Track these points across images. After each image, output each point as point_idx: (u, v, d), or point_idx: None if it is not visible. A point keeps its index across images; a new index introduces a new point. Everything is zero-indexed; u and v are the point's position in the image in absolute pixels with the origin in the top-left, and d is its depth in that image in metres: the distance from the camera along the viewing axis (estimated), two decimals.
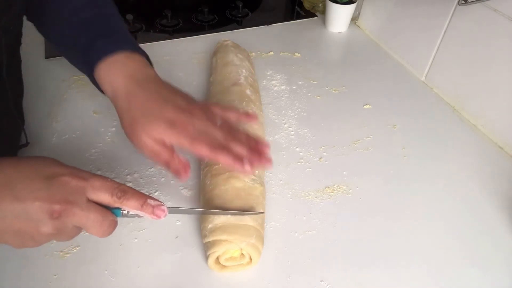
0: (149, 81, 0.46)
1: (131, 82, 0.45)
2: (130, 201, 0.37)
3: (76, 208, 0.35)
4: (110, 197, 0.37)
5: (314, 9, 0.93)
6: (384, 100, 0.69)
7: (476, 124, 0.65)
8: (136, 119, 0.43)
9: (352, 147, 0.60)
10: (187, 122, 0.43)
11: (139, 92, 0.45)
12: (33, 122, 0.60)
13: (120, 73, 0.46)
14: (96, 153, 0.56)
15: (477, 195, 0.54)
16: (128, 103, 0.44)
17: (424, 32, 0.71)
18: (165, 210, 0.39)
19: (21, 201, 0.34)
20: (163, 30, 0.84)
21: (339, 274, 0.45)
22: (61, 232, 0.35)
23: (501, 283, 0.45)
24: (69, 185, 0.36)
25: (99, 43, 0.47)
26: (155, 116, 0.43)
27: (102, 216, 0.36)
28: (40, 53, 0.74)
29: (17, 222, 0.34)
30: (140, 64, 0.48)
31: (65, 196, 0.35)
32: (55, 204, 0.34)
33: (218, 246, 0.42)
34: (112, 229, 0.38)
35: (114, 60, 0.46)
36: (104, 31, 0.49)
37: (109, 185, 0.37)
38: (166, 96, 0.45)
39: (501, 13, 0.57)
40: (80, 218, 0.35)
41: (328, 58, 0.80)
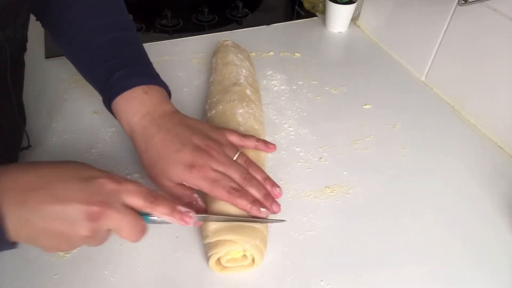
0: (166, 119, 0.46)
1: (147, 123, 0.46)
2: (161, 207, 0.38)
3: (112, 210, 0.36)
4: (143, 202, 0.38)
5: (314, 9, 0.93)
6: (384, 100, 0.69)
7: (476, 124, 0.65)
8: (155, 162, 0.45)
9: (352, 147, 0.60)
10: (205, 165, 0.43)
11: (156, 133, 0.45)
12: (34, 122, 0.60)
13: (137, 111, 0.46)
14: (96, 153, 0.56)
15: (477, 195, 0.54)
16: (146, 144, 0.45)
17: (424, 32, 0.71)
18: (193, 217, 0.40)
19: (61, 202, 0.34)
20: (163, 30, 0.84)
21: (339, 274, 0.45)
22: (95, 234, 0.36)
23: (501, 282, 0.45)
24: (105, 187, 0.36)
25: (117, 76, 0.47)
26: (173, 160, 0.43)
27: (136, 219, 0.37)
28: (40, 53, 0.74)
29: (55, 223, 0.34)
30: (158, 100, 0.48)
31: (103, 198, 0.36)
32: (94, 206, 0.35)
33: (221, 246, 0.42)
34: (143, 234, 0.38)
35: (131, 96, 0.47)
36: (122, 60, 0.49)
37: (142, 190, 0.38)
38: (183, 136, 0.45)
39: (501, 13, 0.57)
40: (115, 221, 0.36)
41: (328, 58, 0.80)
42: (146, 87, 0.47)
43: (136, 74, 0.48)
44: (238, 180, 0.44)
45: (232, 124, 0.53)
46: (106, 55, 0.49)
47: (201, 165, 0.43)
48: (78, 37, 0.50)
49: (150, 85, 0.48)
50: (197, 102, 0.66)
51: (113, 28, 0.51)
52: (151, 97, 0.47)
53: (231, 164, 0.45)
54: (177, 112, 0.48)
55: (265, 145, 0.49)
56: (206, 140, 0.45)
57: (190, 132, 0.45)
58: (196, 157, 0.43)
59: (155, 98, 0.48)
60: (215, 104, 0.58)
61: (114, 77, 0.47)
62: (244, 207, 0.43)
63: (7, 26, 0.44)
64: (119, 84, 0.47)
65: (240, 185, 0.44)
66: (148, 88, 0.47)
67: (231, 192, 0.43)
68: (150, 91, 0.47)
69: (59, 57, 0.74)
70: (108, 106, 0.48)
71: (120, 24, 0.52)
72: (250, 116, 0.56)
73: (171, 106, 0.49)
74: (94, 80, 0.51)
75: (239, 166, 0.45)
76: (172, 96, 0.51)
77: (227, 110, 0.56)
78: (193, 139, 0.45)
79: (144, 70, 0.50)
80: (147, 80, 0.48)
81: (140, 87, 0.47)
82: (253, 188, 0.45)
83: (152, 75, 0.50)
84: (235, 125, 0.53)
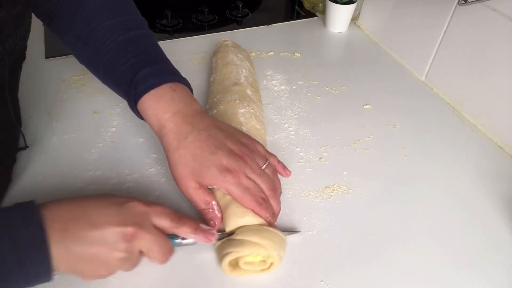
0: (198, 118, 0.46)
1: (179, 120, 0.45)
2: (186, 226, 0.40)
3: (144, 231, 0.38)
4: (169, 222, 0.40)
5: (314, 9, 0.93)
6: (384, 100, 0.69)
7: (476, 124, 0.65)
8: (186, 162, 0.44)
9: (352, 147, 0.60)
10: (240, 171, 0.43)
11: (189, 132, 0.44)
12: (33, 122, 0.60)
13: (167, 108, 0.45)
14: (96, 153, 0.56)
15: (477, 195, 0.54)
16: (178, 142, 0.44)
17: (424, 32, 0.71)
18: (215, 234, 0.42)
19: (98, 227, 0.36)
20: (163, 30, 0.84)
21: (339, 274, 0.45)
22: (130, 256, 0.37)
23: (501, 283, 0.45)
24: (136, 209, 0.39)
25: (143, 74, 0.46)
26: (207, 162, 0.43)
27: (164, 241, 0.40)
28: (40, 53, 0.74)
29: (94, 248, 0.36)
30: (186, 97, 0.47)
31: (135, 220, 0.38)
32: (128, 227, 0.37)
33: (244, 247, 0.41)
34: (170, 255, 0.41)
35: (159, 94, 0.46)
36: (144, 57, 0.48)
37: (168, 211, 0.40)
38: (216, 139, 0.45)
39: (501, 13, 0.57)
40: (147, 241, 0.38)
41: (328, 58, 0.80)
42: (172, 85, 0.47)
43: (161, 71, 0.48)
44: (266, 190, 0.45)
45: (234, 124, 0.53)
46: (127, 53, 0.48)
47: (235, 171, 0.43)
48: (93, 37, 0.49)
49: (176, 83, 0.47)
50: None
51: (128, 26, 0.50)
52: (180, 94, 0.47)
53: (262, 173, 0.45)
54: (206, 112, 0.48)
55: (283, 169, 0.50)
56: (239, 146, 0.45)
57: (223, 135, 0.45)
58: (231, 162, 0.43)
59: (183, 96, 0.47)
60: (216, 104, 0.58)
61: (140, 75, 0.46)
62: (267, 218, 0.44)
63: (7, 38, 0.44)
64: (147, 82, 0.46)
65: (266, 195, 0.45)
66: (174, 85, 0.47)
67: (260, 202, 0.43)
68: (177, 89, 0.47)
69: (59, 57, 0.74)
70: (134, 105, 0.47)
71: (135, 22, 0.51)
72: (251, 116, 0.56)
73: (199, 105, 0.48)
74: (114, 80, 0.50)
75: (268, 177, 0.46)
76: None
77: (228, 110, 0.56)
78: (227, 143, 0.44)
79: (167, 67, 0.49)
80: (172, 77, 0.47)
81: (167, 84, 0.46)
82: (276, 201, 0.46)
83: (174, 73, 0.49)
84: (237, 125, 0.53)
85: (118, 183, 0.52)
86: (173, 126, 0.45)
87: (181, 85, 0.48)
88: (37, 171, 0.53)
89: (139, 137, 0.59)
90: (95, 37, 0.49)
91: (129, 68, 0.47)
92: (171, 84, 0.47)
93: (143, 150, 0.57)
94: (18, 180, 0.52)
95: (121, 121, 0.62)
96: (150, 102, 0.46)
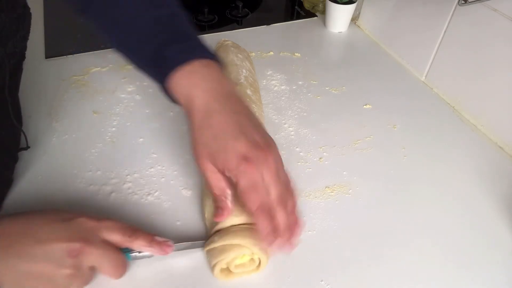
0: (229, 99, 0.43)
1: (210, 99, 0.42)
2: (139, 239, 0.40)
3: (92, 246, 0.37)
4: (121, 236, 0.39)
5: (314, 9, 0.93)
6: (384, 100, 0.69)
7: (476, 124, 0.65)
8: (207, 141, 0.41)
9: (352, 147, 0.60)
10: (257, 164, 0.39)
11: (218, 112, 0.41)
12: (33, 122, 0.60)
13: (198, 86, 0.42)
14: (96, 153, 0.56)
15: (477, 195, 0.54)
16: (204, 120, 0.41)
17: (424, 32, 0.71)
18: (171, 245, 0.42)
19: (43, 243, 0.36)
20: None
21: (339, 274, 0.45)
22: (78, 272, 0.37)
23: (501, 282, 0.45)
24: (85, 225, 0.38)
25: (172, 50, 0.43)
26: (228, 145, 0.40)
27: (116, 255, 0.39)
28: (40, 53, 0.74)
29: (39, 264, 0.35)
30: (219, 75, 0.44)
31: (83, 235, 0.37)
32: (73, 243, 0.36)
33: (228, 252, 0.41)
34: (125, 269, 0.40)
35: (190, 70, 0.43)
36: (175, 34, 0.45)
37: (120, 225, 0.40)
38: (244, 126, 0.41)
39: (501, 13, 0.57)
40: (96, 256, 0.37)
41: (328, 58, 0.80)
42: (204, 61, 0.43)
43: (193, 47, 0.44)
44: (273, 197, 0.40)
45: None
46: (157, 30, 0.45)
47: (253, 163, 0.39)
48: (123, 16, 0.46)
49: (208, 59, 0.44)
50: None
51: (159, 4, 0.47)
52: (212, 71, 0.43)
53: (277, 178, 0.40)
54: (240, 97, 0.45)
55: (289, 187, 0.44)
56: (266, 140, 0.41)
57: (252, 125, 0.42)
58: (252, 153, 0.39)
59: (216, 73, 0.44)
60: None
61: (169, 51, 0.43)
62: (262, 229, 0.39)
63: (7, 41, 0.44)
64: (176, 57, 0.43)
65: (272, 203, 0.40)
66: (206, 62, 0.43)
67: (261, 206, 0.39)
68: (209, 65, 0.44)
69: (59, 57, 0.74)
70: (162, 83, 0.44)
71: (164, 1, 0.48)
72: None
73: (233, 85, 0.45)
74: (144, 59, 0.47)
75: (281, 185, 0.41)
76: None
77: None
78: (254, 134, 0.41)
79: (199, 43, 0.46)
80: (205, 53, 0.44)
81: (199, 60, 0.43)
82: (281, 214, 0.40)
83: (207, 50, 0.45)
84: None
85: (118, 183, 0.52)
86: (201, 104, 0.42)
87: (213, 62, 0.44)
88: (37, 171, 0.53)
89: (139, 137, 0.59)
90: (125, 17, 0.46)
91: (158, 44, 0.44)
92: (202, 60, 0.43)
93: (143, 150, 0.57)
94: (18, 180, 0.52)
95: (121, 121, 0.62)
96: (180, 78, 0.43)
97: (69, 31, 0.82)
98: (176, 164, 0.55)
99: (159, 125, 0.61)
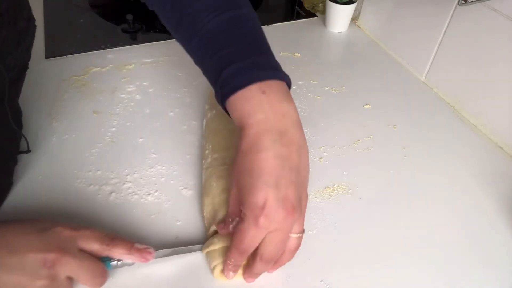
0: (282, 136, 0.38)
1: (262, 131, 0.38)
2: (118, 247, 0.39)
3: (68, 256, 0.36)
4: (99, 245, 0.39)
5: (314, 9, 0.93)
6: (384, 100, 0.69)
7: (476, 124, 0.65)
8: (243, 170, 0.38)
9: (352, 147, 0.60)
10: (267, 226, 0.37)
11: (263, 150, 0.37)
12: (33, 122, 0.60)
13: (252, 116, 0.39)
14: (96, 153, 0.56)
15: (477, 195, 0.54)
16: (248, 152, 0.38)
17: (424, 32, 0.71)
18: (152, 252, 0.41)
19: (16, 254, 0.35)
20: (163, 30, 0.84)
21: (339, 274, 0.45)
22: (54, 282, 0.36)
23: (501, 282, 0.45)
24: (61, 235, 0.37)
25: (229, 72, 0.40)
26: (255, 189, 0.37)
27: (93, 264, 0.38)
28: (40, 53, 0.74)
29: (13, 275, 0.35)
30: (278, 100, 0.40)
31: (59, 245, 0.37)
32: (49, 253, 0.35)
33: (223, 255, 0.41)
34: (103, 279, 0.39)
35: (247, 95, 0.39)
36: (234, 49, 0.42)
37: (98, 234, 0.39)
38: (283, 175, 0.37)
39: (501, 13, 0.57)
40: (72, 266, 0.36)
41: (328, 58, 0.80)
42: (263, 84, 0.39)
43: (251, 67, 0.40)
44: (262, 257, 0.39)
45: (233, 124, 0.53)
46: (216, 43, 0.42)
47: (266, 219, 0.36)
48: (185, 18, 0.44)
49: (268, 81, 0.40)
50: (197, 102, 0.66)
51: (223, 6, 0.43)
52: (270, 97, 0.39)
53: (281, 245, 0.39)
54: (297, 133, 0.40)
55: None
56: (298, 201, 0.38)
57: (292, 178, 0.38)
58: (272, 210, 0.36)
59: (274, 99, 0.39)
60: (216, 104, 0.57)
61: (226, 73, 0.40)
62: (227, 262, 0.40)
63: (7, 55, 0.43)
64: (232, 82, 0.40)
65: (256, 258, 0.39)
66: (266, 85, 0.39)
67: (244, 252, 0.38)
68: (268, 90, 0.39)
69: (59, 57, 0.74)
70: (221, 104, 0.42)
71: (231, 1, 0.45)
72: None
73: (292, 111, 0.40)
74: (205, 74, 0.45)
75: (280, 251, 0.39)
76: (171, 97, 0.51)
77: None
78: (289, 190, 0.37)
79: (260, 61, 0.42)
80: (264, 74, 0.40)
81: (256, 84, 0.39)
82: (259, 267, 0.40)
83: (270, 66, 0.42)
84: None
85: (118, 183, 0.52)
86: (252, 133, 0.38)
87: (275, 82, 0.40)
88: (37, 171, 0.53)
89: (139, 137, 0.59)
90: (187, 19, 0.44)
91: (216, 63, 0.42)
92: (261, 84, 0.39)
93: (143, 150, 0.57)
94: (18, 180, 0.52)
95: (121, 121, 0.62)
96: (235, 104, 0.40)
97: (69, 31, 0.82)
98: (176, 164, 0.55)
99: (159, 125, 0.61)
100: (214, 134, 0.54)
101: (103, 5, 0.93)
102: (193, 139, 0.59)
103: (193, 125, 0.62)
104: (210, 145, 0.53)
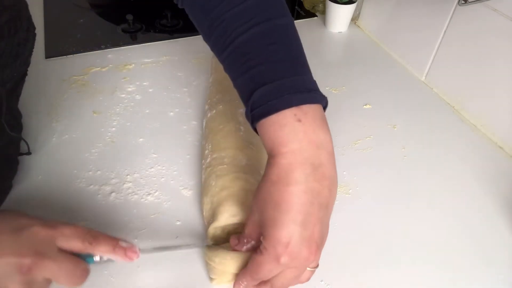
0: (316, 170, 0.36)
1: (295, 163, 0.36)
2: (102, 246, 0.36)
3: (46, 260, 0.33)
4: (81, 244, 0.36)
5: (314, 9, 0.93)
6: (384, 100, 0.69)
7: (476, 124, 0.65)
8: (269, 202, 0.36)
9: (352, 147, 0.60)
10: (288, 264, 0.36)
11: (294, 184, 0.35)
12: (33, 122, 0.60)
13: (284, 145, 0.36)
14: (96, 153, 0.56)
15: (477, 195, 0.54)
16: (277, 182, 0.36)
17: (424, 32, 0.71)
18: (137, 251, 0.38)
19: None
20: (163, 30, 0.84)
21: (339, 274, 0.45)
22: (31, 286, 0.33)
23: (501, 282, 0.45)
24: (38, 235, 0.34)
25: (260, 93, 0.37)
26: (280, 224, 0.35)
27: (74, 265, 0.35)
28: (40, 53, 0.74)
29: None
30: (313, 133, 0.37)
31: (35, 248, 0.34)
32: (25, 258, 0.33)
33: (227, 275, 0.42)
34: (84, 278, 0.36)
35: (279, 122, 0.37)
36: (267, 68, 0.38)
37: (79, 231, 0.36)
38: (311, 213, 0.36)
39: (501, 13, 0.57)
40: (51, 270, 0.34)
41: (328, 58, 0.80)
42: (298, 111, 0.36)
43: (286, 89, 0.37)
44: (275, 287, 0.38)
45: (232, 124, 0.53)
46: (249, 59, 0.39)
47: (287, 257, 0.35)
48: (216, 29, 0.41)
49: (303, 106, 0.37)
50: (197, 102, 0.66)
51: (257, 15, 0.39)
52: (305, 126, 0.36)
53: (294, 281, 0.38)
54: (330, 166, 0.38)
55: None
56: (319, 241, 0.37)
57: (320, 217, 0.36)
58: (295, 249, 0.35)
59: (310, 128, 0.37)
60: (216, 104, 0.58)
61: (258, 94, 0.37)
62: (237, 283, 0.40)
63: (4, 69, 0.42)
64: (264, 105, 0.37)
65: None
66: (301, 112, 0.37)
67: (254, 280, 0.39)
68: (304, 117, 0.37)
69: (59, 57, 0.74)
70: (251, 124, 0.40)
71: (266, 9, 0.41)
72: None
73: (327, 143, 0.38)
74: (236, 88, 0.42)
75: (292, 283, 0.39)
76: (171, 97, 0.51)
77: (227, 110, 0.56)
78: (316, 229, 0.36)
79: (295, 81, 0.38)
80: (299, 98, 0.37)
81: (291, 110, 0.36)
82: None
83: (305, 87, 0.38)
84: (235, 125, 0.53)
85: (118, 183, 0.52)
86: (284, 163, 0.36)
87: (311, 109, 0.37)
88: (37, 171, 0.53)
89: (139, 137, 0.59)
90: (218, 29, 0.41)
91: (248, 81, 0.39)
92: (295, 110, 0.36)
93: (143, 150, 0.57)
94: (18, 180, 0.52)
95: (121, 121, 0.62)
96: (268, 129, 0.37)
97: (69, 31, 0.82)
98: (176, 164, 0.55)
99: (159, 125, 0.61)
100: (214, 134, 0.54)
101: (103, 5, 0.93)
102: (193, 139, 0.59)
103: (193, 125, 0.62)
104: (209, 145, 0.53)
